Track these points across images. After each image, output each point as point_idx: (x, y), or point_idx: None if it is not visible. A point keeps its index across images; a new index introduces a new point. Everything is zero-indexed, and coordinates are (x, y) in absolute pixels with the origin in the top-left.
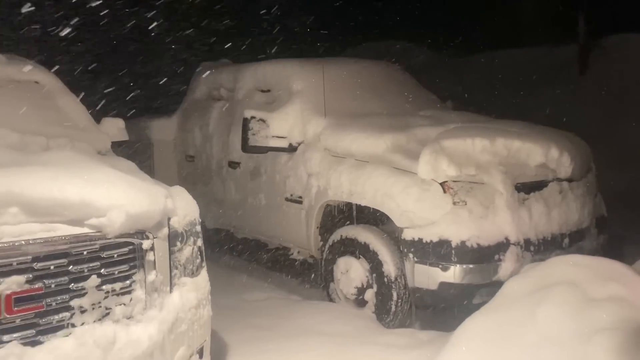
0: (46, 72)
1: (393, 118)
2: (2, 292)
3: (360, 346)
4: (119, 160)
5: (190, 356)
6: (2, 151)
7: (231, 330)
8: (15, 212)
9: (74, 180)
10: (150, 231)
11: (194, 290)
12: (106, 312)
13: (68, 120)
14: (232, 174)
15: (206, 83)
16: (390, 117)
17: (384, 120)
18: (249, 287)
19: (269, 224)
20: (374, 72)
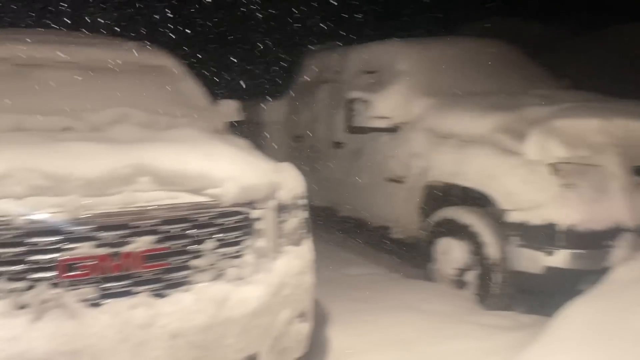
0: (171, 57)
1: (501, 97)
2: (135, 249)
3: (459, 324)
4: (234, 138)
5: (294, 318)
6: (134, 129)
7: (332, 301)
8: (146, 181)
9: (195, 155)
10: (259, 202)
11: (298, 258)
12: (220, 273)
13: (190, 102)
14: (336, 154)
15: (315, 66)
16: (498, 97)
17: (491, 99)
18: (351, 263)
19: (371, 203)
20: (482, 51)
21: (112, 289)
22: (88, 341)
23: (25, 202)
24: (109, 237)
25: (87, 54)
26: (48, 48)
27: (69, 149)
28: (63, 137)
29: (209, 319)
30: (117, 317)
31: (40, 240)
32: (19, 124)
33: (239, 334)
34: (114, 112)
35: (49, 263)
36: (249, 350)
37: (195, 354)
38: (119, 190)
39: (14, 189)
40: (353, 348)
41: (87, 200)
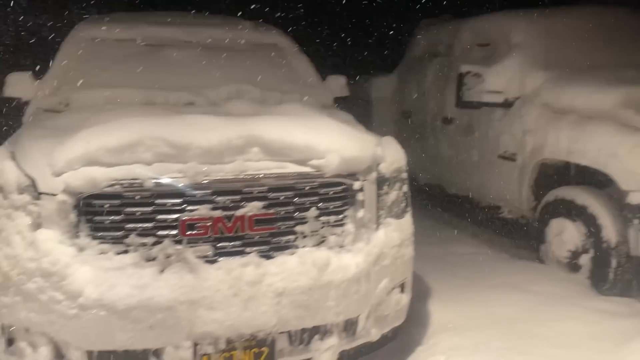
0: (283, 35)
1: (626, 71)
2: (246, 213)
3: (568, 307)
4: (339, 112)
5: (393, 288)
6: (247, 103)
7: (434, 277)
8: (256, 151)
9: (301, 128)
10: (360, 174)
11: (398, 230)
12: (322, 239)
13: (299, 78)
14: (446, 130)
15: (425, 40)
16: (623, 70)
17: (615, 72)
18: (457, 241)
19: (480, 181)
20: (607, 20)
21: (225, 248)
22: (204, 293)
23: (153, 168)
24: (223, 201)
25: (206, 34)
26: (173, 29)
27: (190, 121)
28: (186, 110)
29: (311, 281)
30: (230, 274)
31: (165, 201)
32: (148, 98)
33: (338, 298)
34: (230, 89)
35: (173, 222)
36: (348, 315)
37: (298, 313)
38: (232, 159)
39: (144, 155)
40: (454, 323)
41: (205, 167)
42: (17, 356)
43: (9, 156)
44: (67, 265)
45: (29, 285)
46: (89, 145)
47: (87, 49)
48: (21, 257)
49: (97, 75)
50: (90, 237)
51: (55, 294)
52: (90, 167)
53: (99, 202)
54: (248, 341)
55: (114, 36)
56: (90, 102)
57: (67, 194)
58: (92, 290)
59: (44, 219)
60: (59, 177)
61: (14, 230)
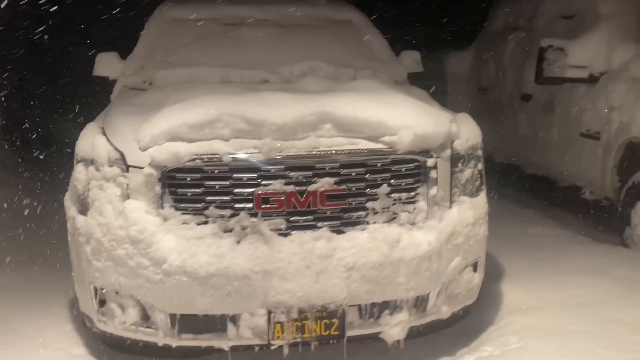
0: (357, 11)
1: None
2: (318, 188)
3: None
4: (413, 89)
5: (465, 267)
6: (320, 80)
7: (508, 258)
8: (329, 128)
9: (374, 104)
10: (434, 151)
11: (472, 208)
12: (393, 216)
13: (373, 54)
14: (524, 106)
15: (504, 13)
16: None
17: None
18: (533, 222)
19: (560, 160)
20: None
21: (298, 222)
22: (277, 264)
23: (230, 143)
24: (296, 177)
25: (281, 12)
26: (249, 8)
27: (264, 98)
28: (261, 88)
29: (381, 257)
30: (302, 247)
31: (242, 175)
32: (225, 76)
33: (409, 274)
34: (304, 66)
35: (248, 196)
36: (418, 291)
37: (368, 287)
38: (305, 135)
39: (222, 131)
40: (527, 304)
41: (278, 143)
42: (108, 316)
43: (100, 132)
44: (153, 234)
45: (119, 251)
46: (172, 121)
47: (168, 29)
48: (112, 225)
49: (178, 54)
50: (173, 208)
51: (142, 260)
52: (173, 142)
53: (181, 176)
54: (319, 312)
55: (193, 16)
56: (172, 81)
57: (153, 167)
58: (175, 257)
59: (132, 190)
60: (145, 151)
61: (105, 200)
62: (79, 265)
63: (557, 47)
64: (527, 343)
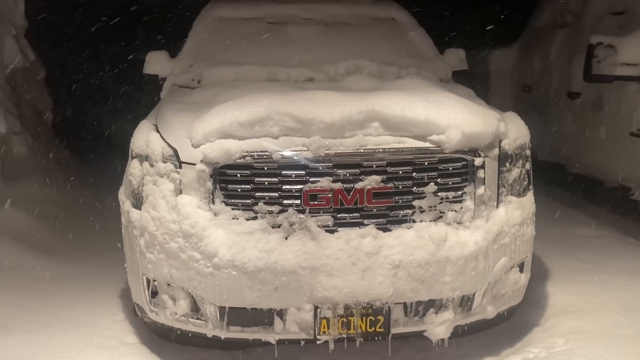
0: (401, 9)
1: None
2: (365, 186)
3: None
4: (458, 87)
5: (511, 267)
6: (365, 79)
7: (554, 259)
8: (376, 126)
9: (421, 103)
10: (482, 150)
11: (519, 208)
12: (440, 215)
13: (417, 52)
14: (571, 105)
15: (550, 9)
16: None
17: None
18: (579, 223)
19: (608, 160)
20: None
21: (344, 219)
22: (324, 261)
23: (279, 141)
24: (344, 174)
25: (325, 10)
26: (294, 7)
27: (313, 96)
28: (307, 86)
29: (427, 256)
30: (349, 244)
31: (290, 173)
32: (272, 75)
33: (455, 273)
34: (349, 64)
35: (296, 192)
36: (464, 291)
37: (414, 285)
38: (353, 133)
39: (272, 129)
40: (573, 306)
41: (326, 141)
42: (159, 307)
43: (153, 129)
44: (204, 228)
45: (171, 245)
46: (223, 119)
47: (215, 28)
48: (165, 219)
49: (225, 53)
50: (223, 204)
51: (194, 254)
52: (224, 139)
53: (232, 172)
54: (365, 309)
55: (240, 15)
56: (220, 79)
57: (205, 163)
58: (226, 251)
59: (184, 186)
60: (197, 148)
61: (159, 195)
62: (132, 257)
63: (608, 44)
64: (574, 346)
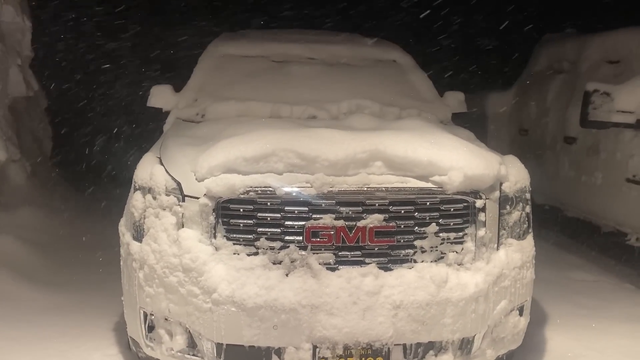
0: (402, 52)
1: None
2: (367, 224)
3: None
4: (459, 129)
5: (511, 311)
6: (367, 118)
7: (552, 303)
8: (379, 165)
9: (423, 144)
10: (483, 192)
11: (519, 251)
12: (441, 255)
13: (417, 94)
14: (567, 149)
15: (547, 55)
16: None
17: None
18: (576, 267)
19: (605, 205)
20: None
21: (346, 257)
22: (325, 299)
23: (283, 177)
24: (346, 212)
25: (328, 51)
26: (298, 46)
27: (317, 134)
28: (310, 124)
29: (428, 297)
30: (350, 282)
31: (293, 209)
32: (275, 112)
33: (455, 315)
34: (351, 103)
35: (299, 229)
36: (464, 333)
37: (414, 327)
38: (356, 171)
39: (276, 165)
40: (573, 352)
41: (330, 178)
42: (156, 342)
43: (157, 161)
44: (205, 263)
45: (171, 279)
46: (228, 154)
47: (220, 64)
48: (166, 252)
49: (230, 89)
50: (225, 238)
51: (193, 288)
52: (229, 174)
53: (235, 207)
54: (364, 349)
55: (245, 52)
56: (224, 114)
57: (208, 197)
58: (225, 287)
59: (187, 219)
60: (201, 182)
61: (160, 228)
62: (130, 290)
63: (603, 92)
64: None
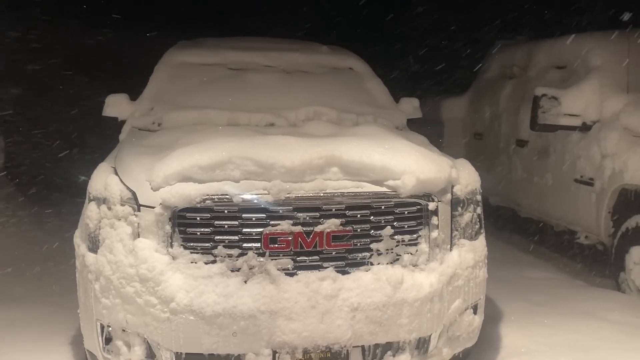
0: (358, 59)
1: None
2: (324, 229)
3: None
4: (413, 134)
5: (465, 309)
6: (324, 125)
7: (507, 301)
8: (336, 171)
9: (378, 149)
10: (435, 195)
11: (472, 251)
12: (396, 257)
13: (373, 100)
14: (519, 152)
15: (499, 61)
16: None
17: None
18: (529, 265)
19: (555, 205)
20: None
21: (304, 262)
22: (284, 304)
23: (240, 185)
24: (303, 218)
25: (286, 59)
26: (255, 54)
27: (274, 141)
28: (268, 131)
29: (385, 298)
30: (308, 287)
31: (251, 216)
32: (233, 119)
33: (411, 315)
34: (309, 110)
35: (257, 236)
36: (420, 333)
37: (371, 328)
38: (313, 177)
39: (233, 173)
40: (526, 348)
41: (287, 185)
42: (113, 354)
43: (112, 171)
44: (162, 273)
45: (127, 289)
46: (184, 163)
47: (177, 73)
48: (122, 263)
49: (187, 97)
50: (182, 247)
51: (151, 298)
52: (184, 183)
53: (192, 215)
54: (323, 352)
55: (202, 60)
56: (181, 122)
57: (164, 207)
58: (183, 296)
59: (143, 229)
60: (157, 191)
61: (116, 239)
62: (86, 302)
63: (551, 96)
64: None
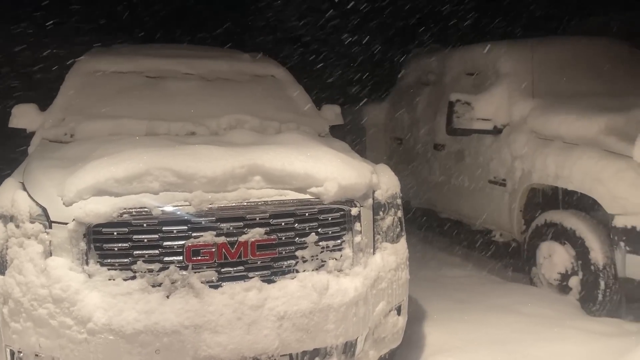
0: (280, 67)
1: (611, 99)
2: (249, 239)
3: (559, 328)
4: (335, 141)
5: (390, 311)
6: (247, 133)
7: (429, 300)
8: (258, 180)
9: (300, 157)
10: (357, 200)
11: (394, 254)
12: (321, 264)
13: (296, 108)
14: (437, 155)
15: (416, 69)
16: (608, 99)
17: (600, 101)
18: (449, 264)
19: (472, 205)
20: (593, 50)
21: (229, 273)
22: (208, 317)
23: (160, 197)
24: (227, 228)
25: (206, 66)
26: (173, 61)
27: (194, 151)
28: (188, 140)
29: (311, 305)
30: (233, 298)
31: (172, 228)
32: (151, 129)
33: (338, 320)
34: (230, 119)
35: (178, 249)
36: (347, 337)
37: (299, 336)
38: (235, 187)
39: (151, 185)
40: (449, 345)
41: (209, 195)
42: None
43: (20, 187)
44: (77, 292)
45: (40, 311)
46: (98, 176)
47: (90, 81)
48: (33, 284)
49: (101, 106)
50: (99, 264)
51: (66, 319)
52: (99, 197)
53: (108, 230)
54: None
55: (116, 68)
56: (95, 133)
57: (78, 223)
58: (101, 315)
59: (55, 247)
60: (69, 206)
61: (25, 258)
62: None
63: (465, 101)
64: None
